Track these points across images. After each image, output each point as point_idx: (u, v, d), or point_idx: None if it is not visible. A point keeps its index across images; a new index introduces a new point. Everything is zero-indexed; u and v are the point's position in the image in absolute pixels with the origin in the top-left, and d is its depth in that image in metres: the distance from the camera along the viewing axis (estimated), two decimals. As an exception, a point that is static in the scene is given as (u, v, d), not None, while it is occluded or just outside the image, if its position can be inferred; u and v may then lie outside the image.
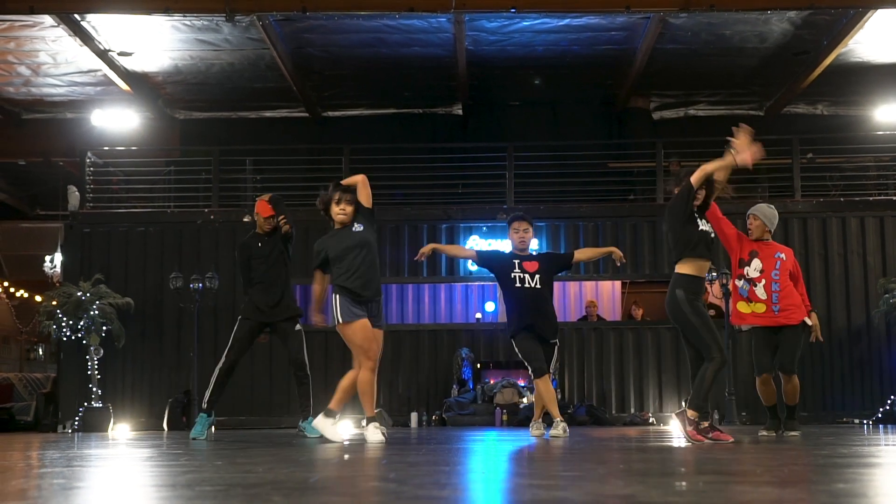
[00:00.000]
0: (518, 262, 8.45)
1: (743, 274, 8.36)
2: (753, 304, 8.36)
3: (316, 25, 13.51)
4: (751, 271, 8.35)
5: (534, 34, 13.99)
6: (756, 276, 8.34)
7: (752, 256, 8.37)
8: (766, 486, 3.27)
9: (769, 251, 8.44)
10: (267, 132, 17.00)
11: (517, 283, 8.36)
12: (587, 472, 4.09)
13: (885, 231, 14.28)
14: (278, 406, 14.02)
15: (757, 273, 8.33)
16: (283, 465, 4.50)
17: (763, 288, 8.32)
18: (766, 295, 8.32)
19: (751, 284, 8.34)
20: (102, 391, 13.60)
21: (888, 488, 3.31)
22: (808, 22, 13.33)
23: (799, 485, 3.36)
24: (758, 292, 8.32)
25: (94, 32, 13.54)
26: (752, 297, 8.35)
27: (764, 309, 8.33)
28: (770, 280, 8.32)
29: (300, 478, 3.78)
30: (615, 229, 14.60)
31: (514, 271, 8.38)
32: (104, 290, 13.67)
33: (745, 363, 14.05)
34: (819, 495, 2.98)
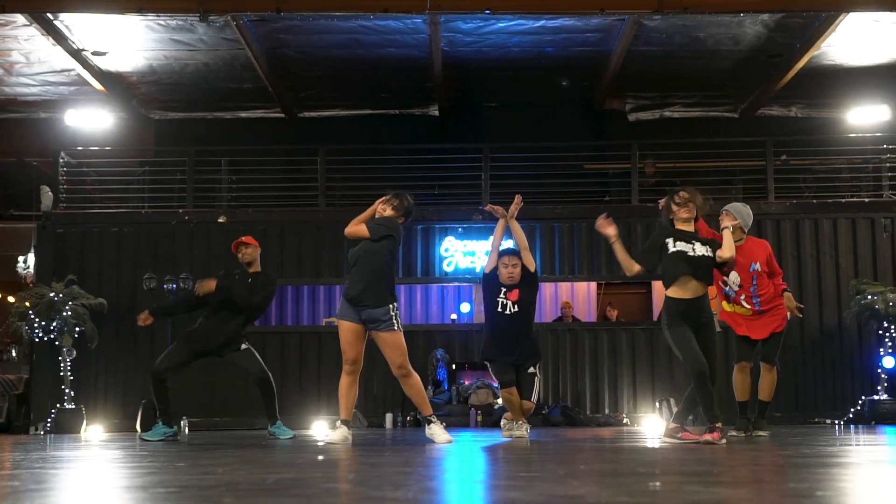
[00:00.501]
0: (504, 291, 8.61)
1: (725, 280, 8.37)
2: (739, 308, 8.44)
3: (291, 26, 13.48)
4: (731, 282, 8.41)
5: (509, 35, 14.01)
6: (737, 289, 8.41)
7: (730, 267, 8.10)
8: (717, 486, 3.29)
9: (744, 261, 8.35)
10: (243, 133, 16.95)
11: (498, 308, 8.57)
12: (547, 472, 4.10)
13: (857, 233, 14.37)
14: (252, 407, 13.94)
15: (737, 287, 8.41)
16: (245, 467, 4.50)
17: (745, 301, 8.41)
18: (749, 305, 8.42)
19: (735, 293, 8.42)
20: (75, 392, 13.53)
21: (837, 487, 3.34)
22: (781, 25, 13.40)
23: (751, 485, 3.38)
24: (742, 301, 8.42)
25: (68, 32, 13.46)
26: (737, 302, 8.44)
27: (749, 312, 8.41)
28: (749, 295, 8.40)
29: (258, 479, 3.78)
30: (590, 231, 14.60)
31: (499, 297, 8.58)
32: (77, 290, 13.59)
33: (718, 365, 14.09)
34: (768, 494, 3.00)
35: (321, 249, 14.69)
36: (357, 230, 7.63)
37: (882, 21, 13.13)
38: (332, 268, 14.68)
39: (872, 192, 14.98)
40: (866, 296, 13.38)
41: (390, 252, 7.76)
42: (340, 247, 14.68)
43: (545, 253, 14.61)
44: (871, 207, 14.49)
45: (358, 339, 7.59)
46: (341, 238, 14.57)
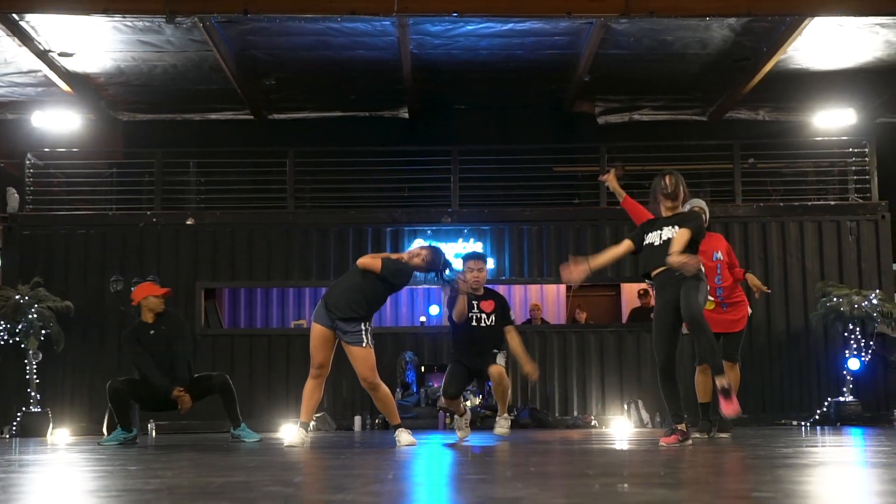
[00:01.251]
0: (476, 304, 8.55)
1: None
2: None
3: (259, 27, 13.44)
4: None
5: (478, 38, 14.02)
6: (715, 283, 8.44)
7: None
8: (658, 488, 3.31)
9: (708, 251, 8.42)
10: (212, 134, 16.89)
11: (473, 322, 8.53)
12: (495, 474, 4.12)
13: (823, 235, 14.47)
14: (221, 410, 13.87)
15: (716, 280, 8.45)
16: (196, 470, 4.49)
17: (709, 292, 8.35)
18: (713, 297, 8.43)
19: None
20: (41, 395, 13.44)
21: (778, 489, 3.36)
22: (748, 29, 13.49)
23: (691, 486, 3.40)
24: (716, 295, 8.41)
25: (34, 33, 13.37)
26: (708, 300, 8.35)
27: (712, 307, 8.40)
28: (713, 286, 8.43)
29: (203, 483, 3.77)
30: (559, 233, 14.68)
31: (472, 312, 8.51)
32: (43, 293, 13.50)
33: (686, 367, 14.17)
34: (704, 496, 3.02)
35: (290, 252, 14.65)
36: (372, 263, 7.54)
37: (847, 25, 13.24)
38: (300, 270, 14.65)
39: (838, 196, 15.09)
40: (832, 298, 13.47)
41: (384, 291, 7.74)
42: (310, 249, 14.67)
43: (514, 255, 14.64)
44: (837, 210, 14.60)
45: (327, 345, 7.59)
46: (311, 240, 14.68)
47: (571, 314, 16.25)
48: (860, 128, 16.06)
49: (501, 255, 14.63)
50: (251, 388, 13.90)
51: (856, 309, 13.28)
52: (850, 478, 3.95)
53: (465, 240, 14.71)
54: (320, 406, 14.13)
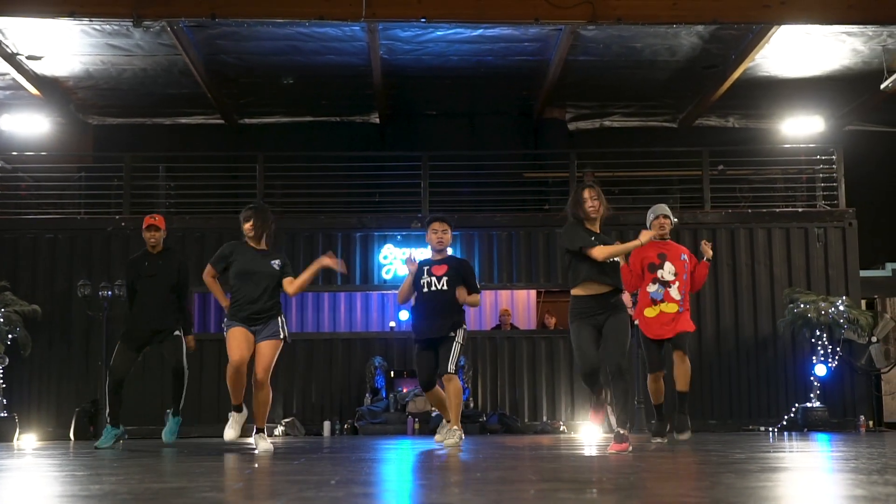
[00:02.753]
0: (427, 269, 8.51)
1: (657, 277, 8.51)
2: (665, 305, 8.52)
3: (228, 32, 13.42)
4: (665, 274, 8.54)
5: (448, 44, 14.05)
6: (671, 278, 8.55)
7: (663, 259, 8.55)
8: (590, 494, 3.33)
9: (675, 252, 8.66)
10: (182, 138, 16.86)
11: (424, 289, 8.45)
12: (437, 481, 4.12)
13: (790, 242, 14.56)
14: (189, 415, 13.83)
15: (671, 276, 8.55)
16: (141, 476, 4.47)
17: (677, 289, 8.56)
18: (680, 296, 8.55)
19: (666, 287, 8.53)
20: (8, 400, 13.33)
21: (710, 495, 3.38)
22: (716, 36, 13.58)
23: (623, 492, 3.42)
24: (672, 293, 8.55)
25: (1, 36, 13.30)
26: (666, 299, 8.52)
27: (675, 308, 8.53)
28: (682, 283, 8.57)
29: (143, 489, 3.76)
30: (529, 239, 14.71)
31: (423, 279, 8.47)
32: (10, 297, 13.41)
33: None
34: (631, 501, 3.04)
35: (259, 256, 14.58)
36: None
37: (813, 34, 13.35)
38: (270, 275, 14.58)
39: (806, 203, 15.19)
40: (799, 304, 13.56)
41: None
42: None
43: (484, 261, 14.66)
44: (805, 217, 14.70)
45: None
46: (279, 245, 14.57)
47: (541, 320, 16.27)
48: (828, 135, 16.20)
49: (471, 261, 14.62)
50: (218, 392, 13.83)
51: (823, 315, 13.38)
52: (793, 483, 3.98)
53: (434, 245, 14.68)
54: (289, 411, 14.14)
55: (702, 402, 14.26)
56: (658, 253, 8.56)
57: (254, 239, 7.93)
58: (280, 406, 14.13)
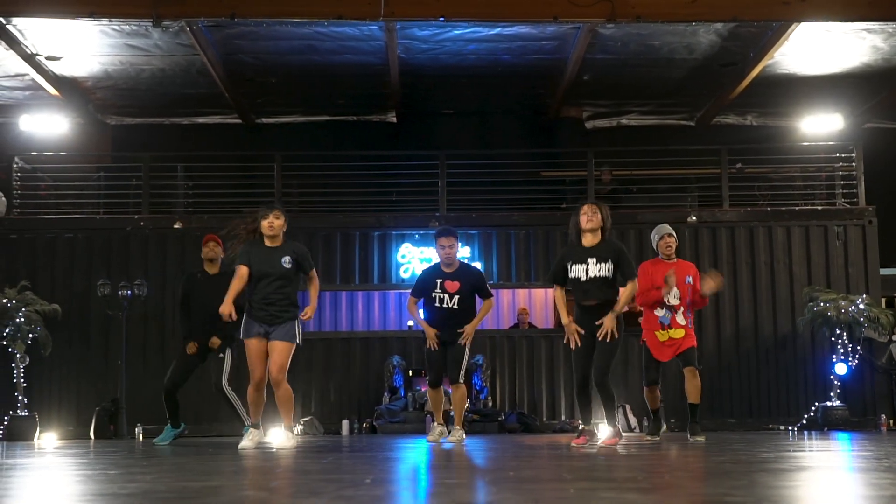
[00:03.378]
0: (440, 283, 8.89)
1: (663, 302, 8.82)
2: (673, 331, 8.89)
3: (246, 32, 13.44)
4: (671, 298, 8.86)
5: (465, 42, 14.04)
6: (676, 302, 8.88)
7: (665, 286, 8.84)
8: (632, 493, 3.32)
9: (681, 275, 8.92)
10: (200, 138, 16.89)
11: (436, 303, 8.88)
12: (472, 480, 4.12)
13: (810, 240, 14.51)
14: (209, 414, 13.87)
15: (676, 300, 8.87)
16: (175, 475, 4.48)
17: (682, 314, 8.92)
18: (685, 321, 8.91)
19: (672, 312, 8.87)
20: (28, 400, 13.39)
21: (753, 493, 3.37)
22: (735, 34, 13.53)
23: (665, 490, 3.41)
24: (678, 319, 8.89)
25: (21, 36, 13.36)
26: (674, 325, 8.88)
27: (682, 334, 8.89)
28: (686, 307, 8.93)
29: (179, 487, 3.77)
30: (546, 238, 14.69)
31: (434, 291, 8.86)
32: (30, 296, 13.45)
33: (672, 372, 14.19)
34: (677, 500, 3.03)
35: (277, 256, 14.61)
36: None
37: (833, 31, 13.29)
38: (288, 274, 14.61)
39: (826, 200, 15.13)
40: (819, 303, 13.50)
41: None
42: (297, 253, 14.64)
43: (501, 260, 14.65)
44: (825, 215, 14.64)
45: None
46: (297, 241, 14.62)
47: (559, 319, 16.23)
48: (847, 133, 16.13)
49: (489, 260, 14.64)
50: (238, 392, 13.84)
51: (843, 314, 13.32)
52: (828, 482, 3.96)
53: (452, 244, 14.68)
54: (308, 410, 14.15)
55: (721, 401, 14.22)
56: (665, 276, 8.80)
57: (273, 239, 7.99)
58: (298, 405, 14.12)
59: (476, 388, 14.07)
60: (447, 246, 8.89)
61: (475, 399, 14.01)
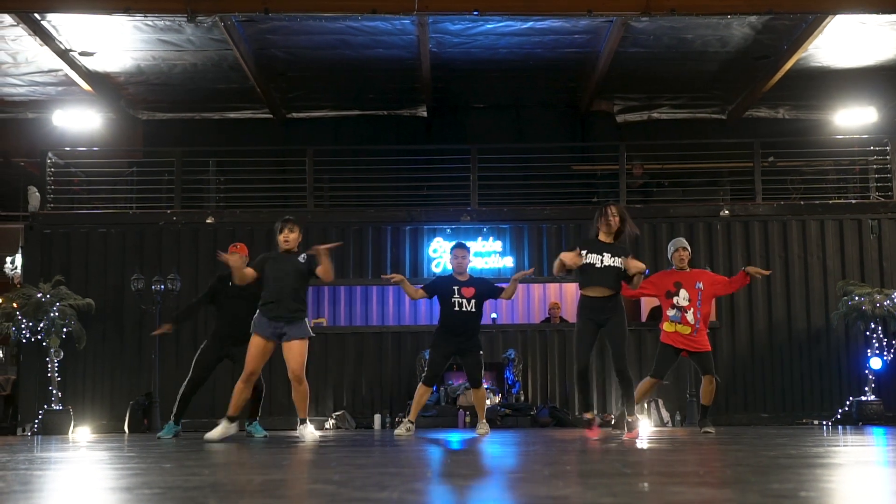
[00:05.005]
0: (458, 289, 9.62)
1: (673, 304, 9.50)
2: (680, 326, 9.52)
3: (279, 27, 13.47)
4: (680, 300, 9.51)
5: (497, 37, 14.02)
6: (685, 304, 9.50)
7: (678, 287, 9.53)
8: (702, 487, 3.30)
9: (691, 281, 9.60)
10: (231, 133, 16.94)
11: (455, 308, 9.60)
12: (532, 473, 4.11)
13: (844, 234, 14.41)
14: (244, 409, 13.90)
15: (686, 302, 9.50)
16: (230, 468, 4.49)
17: (692, 315, 9.51)
18: (694, 320, 9.52)
19: (682, 312, 9.49)
20: (63, 393, 13.48)
21: (822, 488, 3.35)
22: (769, 27, 13.45)
23: (735, 485, 3.39)
24: (688, 318, 9.50)
25: (55, 32, 13.43)
26: (683, 322, 9.50)
27: (689, 331, 9.50)
28: (696, 308, 9.52)
29: (242, 480, 3.77)
30: (578, 231, 14.64)
31: (454, 297, 9.59)
32: (64, 291, 13.54)
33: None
34: (751, 495, 3.01)
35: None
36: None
37: (868, 23, 13.19)
38: (320, 269, 14.64)
39: (859, 194, 15.04)
40: (853, 297, 13.42)
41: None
42: (329, 248, 14.67)
43: (533, 254, 14.63)
44: (858, 209, 14.55)
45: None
46: (329, 239, 14.66)
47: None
48: (881, 126, 16.00)
49: (521, 254, 14.62)
50: (267, 385, 13.88)
51: (877, 308, 13.23)
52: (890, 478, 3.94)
53: (484, 238, 14.70)
54: (340, 404, 14.18)
55: (754, 395, 14.17)
56: (675, 281, 9.53)
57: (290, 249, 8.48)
58: (330, 399, 14.19)
59: (508, 382, 14.08)
60: (460, 256, 9.74)
61: (507, 393, 14.01)
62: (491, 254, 14.72)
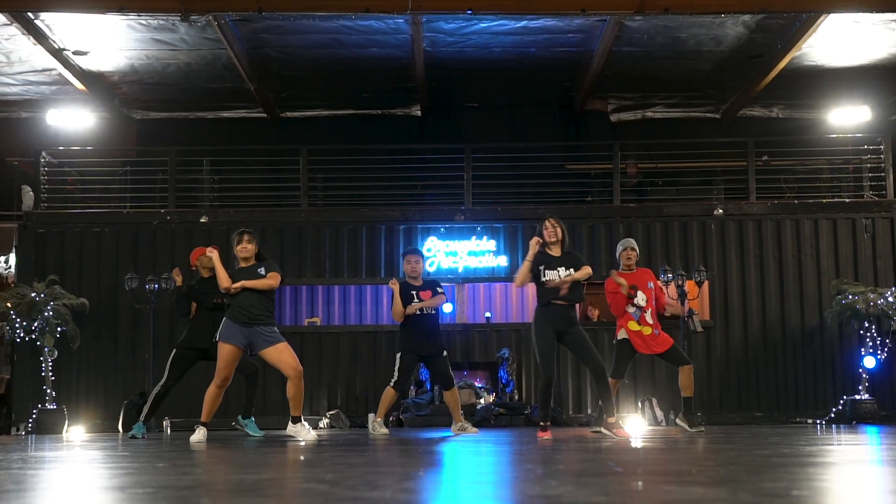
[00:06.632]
0: (415, 293, 9.99)
1: (633, 303, 9.71)
2: (643, 326, 9.71)
3: (273, 26, 13.45)
4: (639, 300, 9.74)
5: (491, 36, 14.01)
6: (644, 304, 9.74)
7: (635, 289, 9.74)
8: (693, 486, 3.30)
9: (643, 282, 9.84)
10: (225, 132, 16.91)
11: (420, 311, 9.91)
12: (525, 472, 4.11)
13: (837, 233, 14.43)
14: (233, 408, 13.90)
15: (644, 302, 9.74)
16: (222, 467, 4.49)
17: (650, 315, 9.74)
18: (652, 320, 9.76)
19: (642, 312, 9.70)
20: (57, 393, 13.46)
21: (814, 487, 3.35)
22: (762, 26, 13.45)
23: (726, 484, 3.39)
24: (647, 318, 9.72)
25: (49, 31, 13.40)
26: (643, 322, 9.72)
27: (650, 331, 9.71)
28: (652, 308, 9.78)
29: (234, 480, 3.77)
30: (572, 231, 14.49)
31: (413, 301, 9.90)
32: (59, 291, 13.51)
33: (700, 364, 14.16)
34: (742, 494, 3.01)
35: (303, 250, 14.67)
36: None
37: (862, 22, 13.20)
38: (313, 268, 14.66)
39: (853, 193, 15.05)
40: (847, 296, 13.43)
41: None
42: (322, 247, 14.68)
43: (527, 253, 14.59)
44: (852, 208, 14.57)
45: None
46: (323, 238, 14.70)
47: (584, 312, 16.20)
48: (875, 125, 16.02)
49: (515, 253, 14.61)
50: (264, 384, 13.88)
51: (871, 307, 13.25)
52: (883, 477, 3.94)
53: (478, 237, 14.70)
54: (334, 403, 14.17)
55: (748, 395, 14.19)
56: (630, 284, 9.73)
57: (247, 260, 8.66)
58: (324, 398, 14.19)
59: (502, 381, 14.08)
60: (413, 262, 10.14)
61: (501, 392, 14.01)
62: (485, 253, 14.72)
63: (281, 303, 16.97)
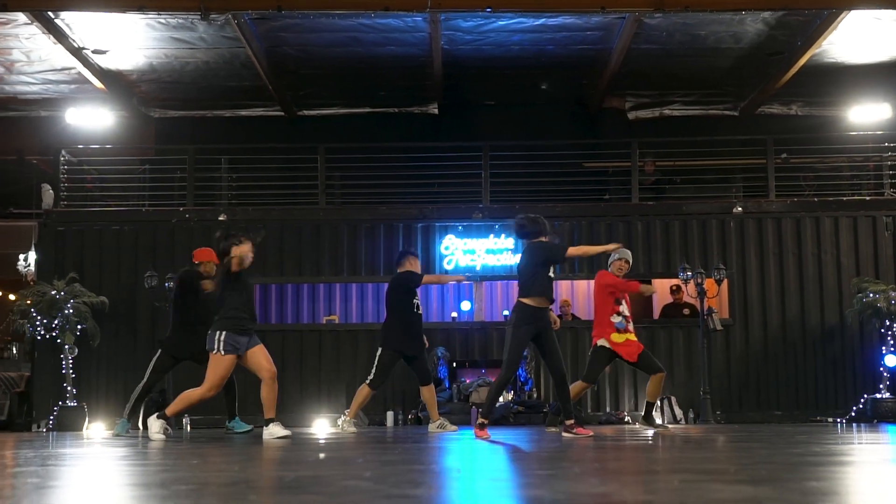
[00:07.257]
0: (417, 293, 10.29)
1: (619, 311, 9.82)
2: (627, 335, 9.83)
3: (291, 24, 13.46)
4: (625, 310, 9.86)
5: (509, 34, 13.99)
6: (627, 314, 9.88)
7: (622, 297, 9.94)
8: (739, 485, 3.29)
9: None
10: (242, 131, 16.94)
11: (415, 309, 10.20)
12: (562, 470, 4.10)
13: (858, 231, 14.37)
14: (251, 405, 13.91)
15: (628, 312, 9.88)
16: (256, 464, 4.49)
17: (631, 324, 9.92)
18: (633, 328, 9.96)
19: (627, 322, 9.82)
20: (77, 390, 13.51)
21: (859, 486, 3.34)
22: (782, 22, 13.40)
23: (772, 483, 3.38)
24: (630, 327, 9.88)
25: (68, 30, 13.44)
26: (628, 331, 9.83)
27: (634, 338, 9.87)
28: (631, 318, 9.97)
29: (274, 476, 3.77)
30: (590, 228, 14.64)
31: (415, 298, 10.23)
32: (78, 288, 13.57)
33: (719, 363, 14.14)
34: (791, 493, 3.00)
35: (320, 247, 14.69)
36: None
37: (884, 19, 13.14)
38: (331, 266, 14.68)
39: (874, 191, 14.99)
40: (868, 294, 13.39)
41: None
42: (340, 245, 14.70)
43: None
44: (873, 205, 14.51)
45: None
46: (341, 236, 14.71)
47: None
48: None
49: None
50: (282, 383, 13.87)
51: (892, 305, 13.21)
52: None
53: (496, 235, 14.70)
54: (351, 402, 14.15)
55: (767, 393, 14.15)
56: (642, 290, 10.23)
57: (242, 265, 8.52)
58: (344, 396, 14.18)
59: (521, 379, 14.07)
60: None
61: (520, 391, 14.00)
62: (503, 251, 14.72)
63: (298, 300, 17.02)
